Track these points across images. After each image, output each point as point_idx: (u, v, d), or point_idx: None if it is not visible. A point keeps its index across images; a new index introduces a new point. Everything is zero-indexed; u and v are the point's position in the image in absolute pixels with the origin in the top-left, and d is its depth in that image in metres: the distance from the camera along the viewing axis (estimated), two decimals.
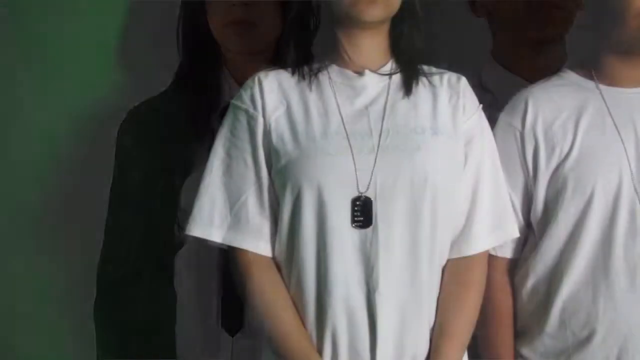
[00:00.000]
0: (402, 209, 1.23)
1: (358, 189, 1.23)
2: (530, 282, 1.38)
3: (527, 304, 1.39)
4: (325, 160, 1.23)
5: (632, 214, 1.30)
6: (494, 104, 1.45)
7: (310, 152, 1.23)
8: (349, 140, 1.25)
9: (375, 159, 1.24)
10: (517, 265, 1.42)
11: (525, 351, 1.40)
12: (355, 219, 1.22)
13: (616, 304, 1.29)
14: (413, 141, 1.26)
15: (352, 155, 1.23)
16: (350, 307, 1.22)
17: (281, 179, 1.25)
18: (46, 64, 1.76)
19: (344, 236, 1.22)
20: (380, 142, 1.25)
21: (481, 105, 1.36)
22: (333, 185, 1.22)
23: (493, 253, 1.39)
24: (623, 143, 1.32)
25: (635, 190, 1.31)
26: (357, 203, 1.22)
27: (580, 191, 1.31)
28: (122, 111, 1.71)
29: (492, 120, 1.37)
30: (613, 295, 1.30)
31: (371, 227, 1.22)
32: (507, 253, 1.41)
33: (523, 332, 1.41)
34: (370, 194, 1.22)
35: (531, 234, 1.40)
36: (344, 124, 1.26)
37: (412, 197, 1.23)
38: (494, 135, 1.38)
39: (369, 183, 1.23)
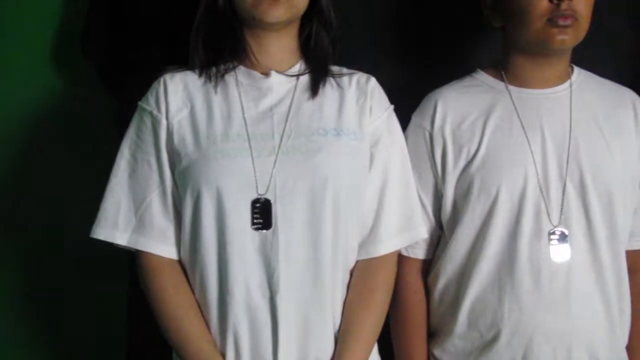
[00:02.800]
0: (303, 210, 1.22)
1: (257, 191, 1.22)
2: (441, 283, 1.38)
3: (438, 305, 1.40)
4: (224, 162, 1.22)
5: (537, 214, 1.30)
6: None
7: (209, 154, 1.23)
8: (249, 142, 1.24)
9: (275, 161, 1.23)
10: (430, 266, 1.42)
11: (437, 352, 1.40)
12: (255, 221, 1.22)
13: (521, 305, 1.30)
14: (314, 142, 1.25)
15: (252, 157, 1.23)
16: (252, 309, 1.22)
17: (182, 181, 1.25)
18: None
19: (244, 238, 1.22)
20: (282, 144, 1.25)
21: (392, 106, 1.36)
22: (232, 187, 1.21)
23: (405, 254, 1.40)
24: (529, 144, 1.32)
25: (541, 190, 1.31)
26: (257, 205, 1.22)
27: (486, 192, 1.31)
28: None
29: None
30: (518, 296, 1.30)
31: (271, 230, 1.22)
32: (419, 254, 1.41)
33: (435, 333, 1.41)
34: (269, 196, 1.22)
35: (443, 234, 1.40)
36: (246, 125, 1.26)
37: (313, 198, 1.22)
38: (406, 136, 1.38)
39: (269, 185, 1.22)
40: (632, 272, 1.39)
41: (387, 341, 1.42)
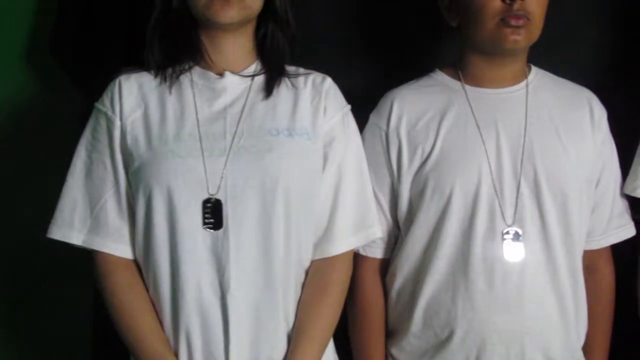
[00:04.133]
0: (254, 210, 1.23)
1: (208, 191, 1.23)
2: (397, 282, 1.38)
3: (395, 304, 1.40)
4: (175, 162, 1.23)
5: (491, 213, 1.30)
6: None
7: (160, 155, 1.23)
8: (201, 143, 1.25)
9: (226, 161, 1.24)
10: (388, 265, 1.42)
11: (394, 351, 1.40)
12: (206, 221, 1.22)
13: (474, 305, 1.30)
14: (265, 143, 1.25)
15: (203, 157, 1.24)
16: (203, 308, 1.22)
17: (135, 181, 1.25)
18: None
19: (196, 238, 1.22)
20: (233, 144, 1.25)
21: (348, 107, 1.36)
22: (182, 187, 1.22)
23: (363, 253, 1.40)
24: (484, 143, 1.32)
25: (495, 190, 1.31)
26: (208, 205, 1.23)
27: (440, 191, 1.31)
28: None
29: None
30: (471, 296, 1.30)
31: (222, 229, 1.22)
32: (377, 253, 1.41)
33: (393, 332, 1.42)
34: (220, 196, 1.23)
35: (400, 234, 1.40)
36: (198, 126, 1.26)
37: (264, 198, 1.23)
38: (363, 136, 1.39)
39: (219, 185, 1.23)
40: (590, 272, 1.39)
41: (345, 340, 1.42)
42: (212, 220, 1.22)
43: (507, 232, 1.30)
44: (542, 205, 1.30)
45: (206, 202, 1.23)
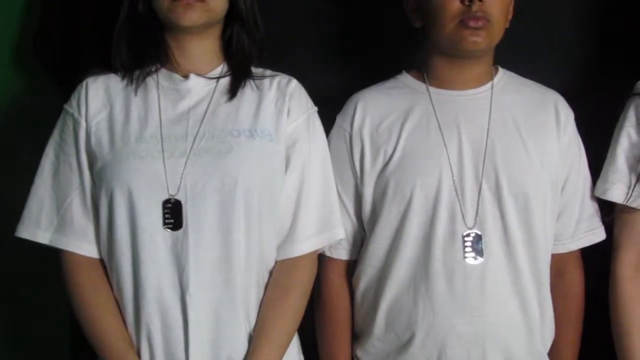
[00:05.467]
0: (213, 211, 1.24)
1: (168, 191, 1.25)
2: (362, 284, 1.39)
3: (360, 306, 1.40)
4: (135, 163, 1.25)
5: (452, 216, 1.30)
6: None
7: (122, 156, 1.26)
8: (162, 144, 1.27)
9: (186, 162, 1.25)
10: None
11: (359, 353, 1.40)
12: (167, 221, 1.24)
13: (434, 307, 1.29)
14: (226, 144, 1.27)
15: (163, 158, 1.25)
16: (164, 308, 1.24)
17: (98, 182, 1.28)
18: None
19: (156, 238, 1.24)
20: (194, 146, 1.27)
21: (314, 109, 1.37)
22: (143, 188, 1.24)
23: (329, 255, 1.41)
24: (445, 145, 1.32)
25: (456, 192, 1.30)
26: (168, 206, 1.24)
27: (401, 193, 1.31)
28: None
29: None
30: (432, 299, 1.30)
31: (182, 230, 1.24)
32: (343, 255, 1.42)
33: (358, 334, 1.42)
34: (180, 196, 1.24)
35: (366, 235, 1.40)
36: (161, 127, 1.28)
37: (223, 199, 1.24)
38: (329, 137, 1.39)
39: (179, 186, 1.25)
40: (559, 276, 1.39)
41: (313, 340, 1.43)
42: (172, 221, 1.24)
43: (468, 235, 1.29)
44: (504, 208, 1.30)
45: (166, 202, 1.24)
